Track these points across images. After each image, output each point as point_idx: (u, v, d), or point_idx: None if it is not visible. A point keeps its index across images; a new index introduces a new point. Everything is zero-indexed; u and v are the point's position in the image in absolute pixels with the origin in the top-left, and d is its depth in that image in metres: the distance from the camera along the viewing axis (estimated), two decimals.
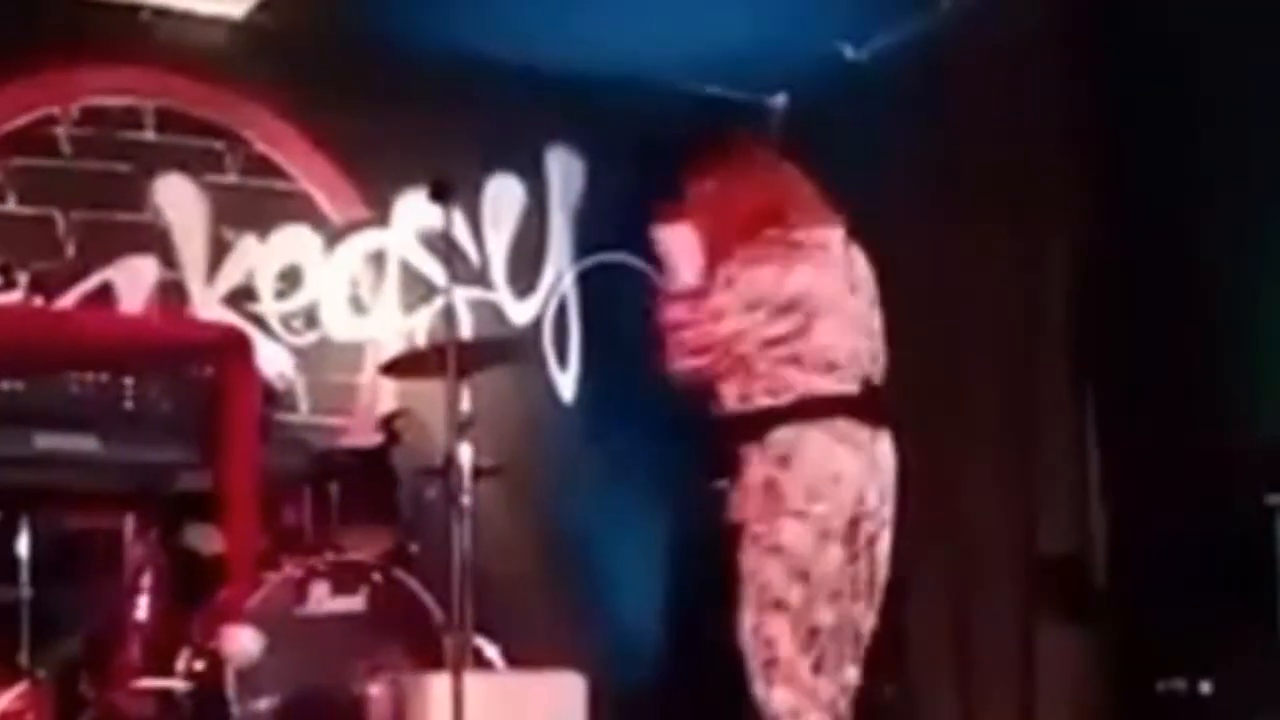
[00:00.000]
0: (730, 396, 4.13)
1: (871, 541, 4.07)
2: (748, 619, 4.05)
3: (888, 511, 4.08)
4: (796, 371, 4.04)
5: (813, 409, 4.00)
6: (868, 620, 4.15)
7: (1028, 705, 5.83)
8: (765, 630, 4.02)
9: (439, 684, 4.49)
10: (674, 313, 4.14)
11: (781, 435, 4.00)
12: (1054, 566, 5.91)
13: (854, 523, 4.02)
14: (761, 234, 4.10)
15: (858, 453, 4.00)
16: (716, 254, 4.13)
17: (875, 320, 4.19)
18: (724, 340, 4.05)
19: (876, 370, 4.15)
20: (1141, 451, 5.63)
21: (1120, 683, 5.59)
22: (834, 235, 4.17)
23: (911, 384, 4.47)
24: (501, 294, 7.07)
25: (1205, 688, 5.23)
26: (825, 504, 3.96)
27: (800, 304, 4.03)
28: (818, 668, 4.01)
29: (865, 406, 4.04)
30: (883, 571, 4.14)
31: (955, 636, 6.13)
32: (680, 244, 4.22)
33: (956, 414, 6.06)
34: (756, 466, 4.03)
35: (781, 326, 4.04)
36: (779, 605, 4.00)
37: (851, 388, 4.05)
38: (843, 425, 3.99)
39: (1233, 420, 5.35)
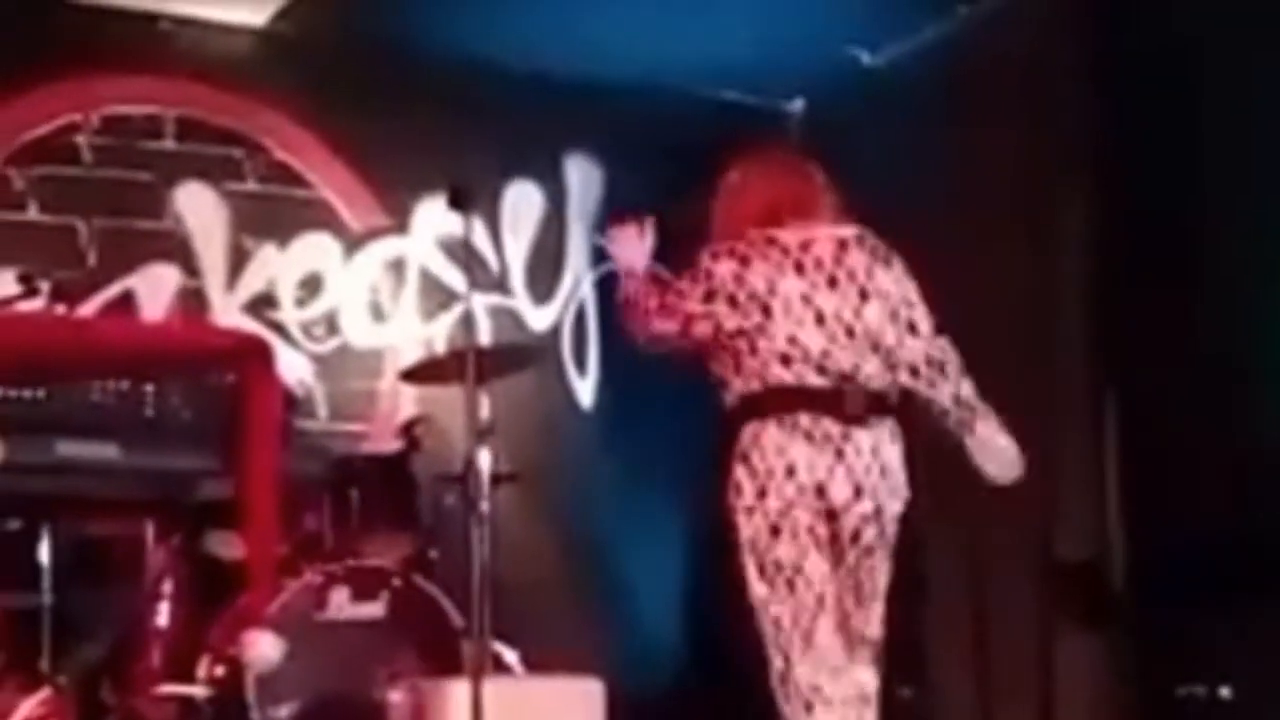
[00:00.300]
0: (718, 382, 4.22)
1: (856, 537, 4.10)
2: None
3: (869, 506, 4.07)
4: (758, 363, 4.11)
5: (772, 404, 4.08)
6: (871, 623, 4.17)
7: (1047, 711, 5.82)
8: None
9: (458, 689, 4.51)
10: (630, 286, 4.33)
11: (746, 431, 4.11)
12: (1073, 571, 5.90)
13: (830, 517, 4.05)
14: (746, 232, 4.21)
15: (819, 447, 4.03)
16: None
17: (872, 319, 4.16)
18: (685, 315, 4.18)
19: (869, 369, 4.14)
20: (1160, 456, 5.62)
21: (1140, 688, 5.58)
22: (826, 234, 4.21)
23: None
24: (520, 300, 7.09)
25: (1225, 693, 5.22)
26: (775, 498, 4.03)
27: (756, 299, 4.11)
28: (787, 659, 4.07)
29: (836, 401, 4.06)
30: (875, 561, 4.14)
31: (975, 641, 6.12)
32: (626, 245, 4.43)
33: None
34: (732, 463, 4.13)
35: (737, 319, 4.12)
36: (752, 601, 4.13)
37: (819, 382, 4.08)
38: (805, 420, 4.04)
39: (1252, 424, 5.34)
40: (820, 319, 4.11)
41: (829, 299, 4.12)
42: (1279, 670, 5.02)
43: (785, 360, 4.09)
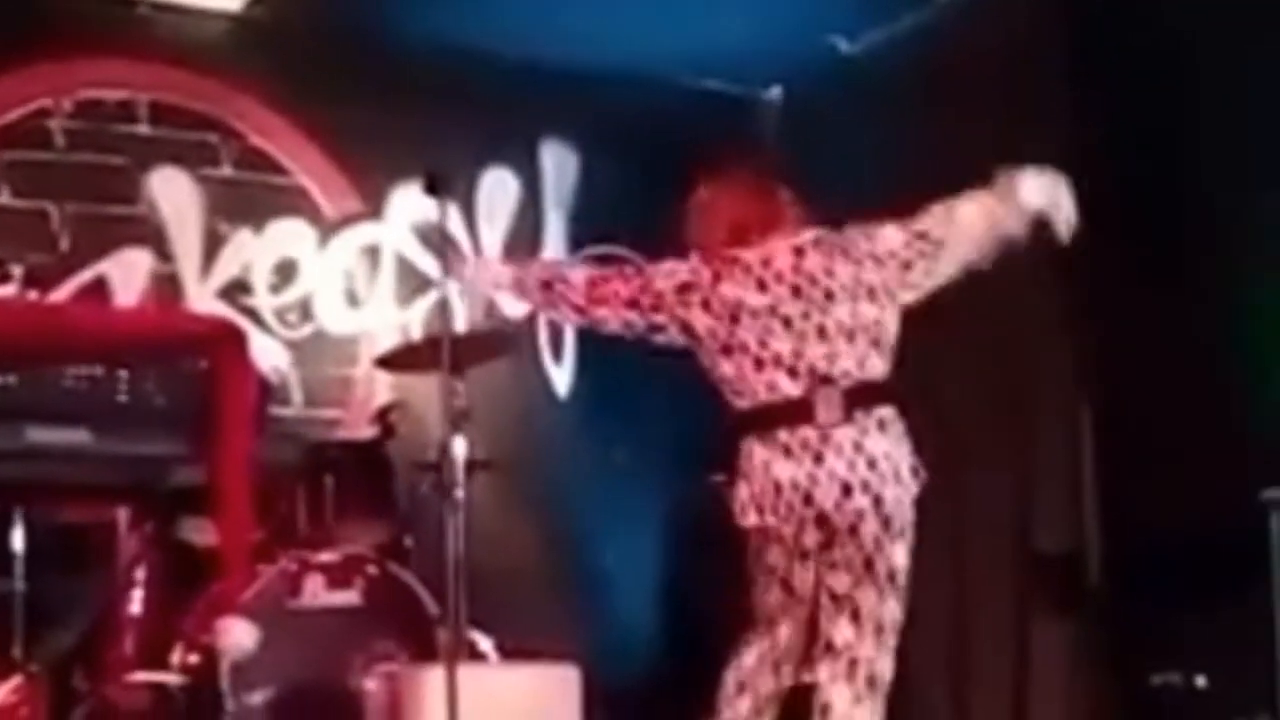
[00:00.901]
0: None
1: (853, 531, 4.14)
2: None
3: (864, 501, 4.13)
4: (733, 369, 4.22)
5: (756, 422, 4.21)
6: (883, 606, 4.20)
7: (1022, 699, 5.84)
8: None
9: (434, 677, 4.49)
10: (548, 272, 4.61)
11: (742, 449, 4.24)
12: (1049, 562, 5.91)
13: (820, 522, 4.12)
14: (716, 250, 4.33)
15: (798, 458, 4.14)
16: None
17: (843, 314, 4.23)
18: (654, 293, 4.29)
19: (845, 364, 4.20)
20: (1136, 449, 5.63)
21: (1115, 677, 5.59)
22: (784, 245, 4.31)
23: (905, 382, 4.48)
24: None
25: (1200, 682, 5.23)
26: (771, 514, 4.17)
27: (727, 307, 4.24)
28: (776, 667, 4.27)
29: (809, 410, 4.15)
30: (882, 550, 4.17)
31: (951, 631, 6.13)
32: (484, 273, 4.85)
33: (952, 411, 6.06)
34: (737, 479, 4.26)
35: (709, 321, 4.25)
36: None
37: (792, 386, 4.16)
38: (783, 434, 4.16)
39: (1229, 416, 5.35)
40: (788, 324, 4.21)
41: (794, 306, 4.22)
42: (1252, 659, 5.02)
43: (759, 364, 4.19)
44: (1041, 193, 4.35)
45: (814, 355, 4.18)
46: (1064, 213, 4.36)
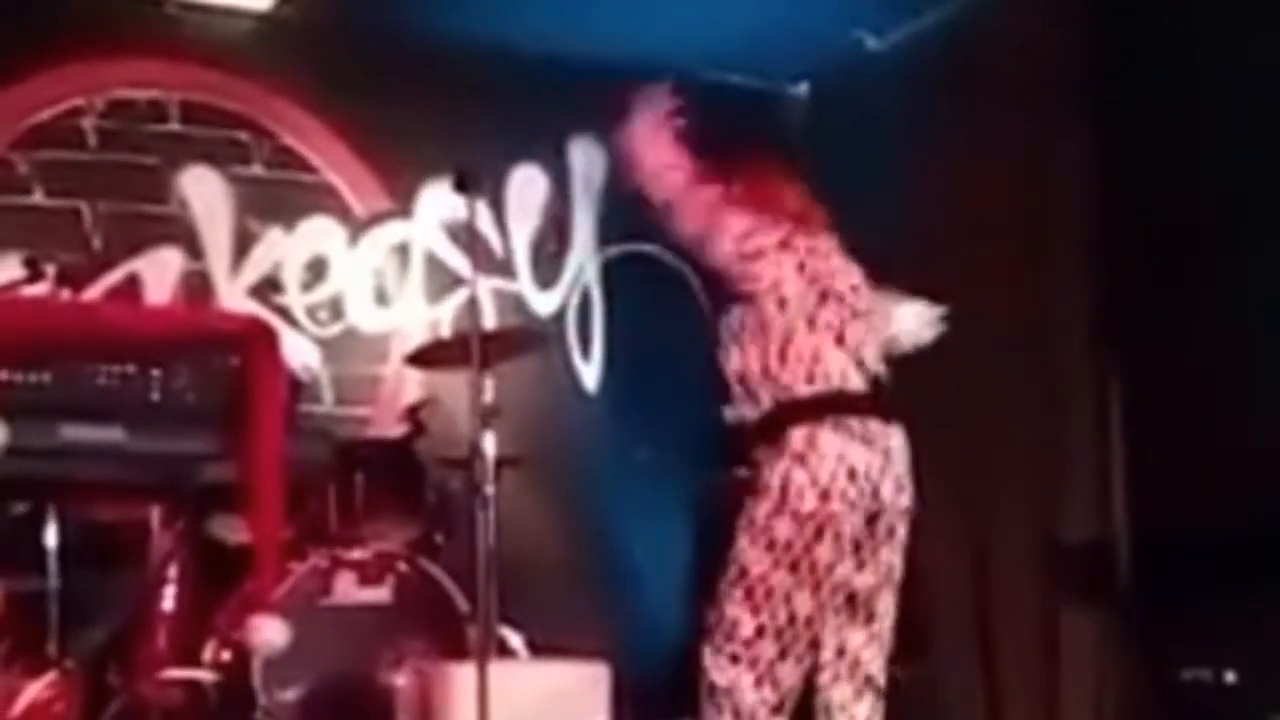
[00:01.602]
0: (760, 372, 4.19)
1: (891, 532, 4.13)
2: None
3: (905, 501, 4.13)
4: (810, 348, 4.11)
5: (825, 407, 4.09)
6: (891, 610, 4.19)
7: (1052, 693, 5.82)
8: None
9: (464, 674, 4.52)
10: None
11: (796, 433, 4.08)
12: (1078, 555, 5.90)
13: (872, 518, 4.07)
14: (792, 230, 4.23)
15: (873, 449, 4.08)
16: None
17: (879, 324, 4.25)
18: (757, 247, 4.13)
19: (881, 370, 4.22)
20: (1166, 439, 5.62)
21: (1145, 672, 5.58)
22: (838, 247, 4.28)
23: (935, 371, 4.49)
24: (525, 284, 7.09)
25: (1230, 677, 5.21)
26: (839, 502, 4.03)
27: (819, 280, 4.14)
28: (783, 654, 4.12)
29: (877, 403, 4.13)
30: (900, 554, 4.18)
31: (980, 625, 6.12)
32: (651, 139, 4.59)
33: (981, 401, 6.06)
34: (777, 464, 4.08)
35: (801, 285, 4.13)
36: (763, 593, 4.14)
37: (858, 382, 4.14)
38: (855, 423, 4.07)
39: (1259, 408, 5.33)
40: (856, 315, 4.18)
41: (859, 300, 4.20)
42: None
43: (839, 344, 4.13)
44: (909, 320, 4.41)
45: (870, 353, 4.19)
46: (914, 340, 4.42)
